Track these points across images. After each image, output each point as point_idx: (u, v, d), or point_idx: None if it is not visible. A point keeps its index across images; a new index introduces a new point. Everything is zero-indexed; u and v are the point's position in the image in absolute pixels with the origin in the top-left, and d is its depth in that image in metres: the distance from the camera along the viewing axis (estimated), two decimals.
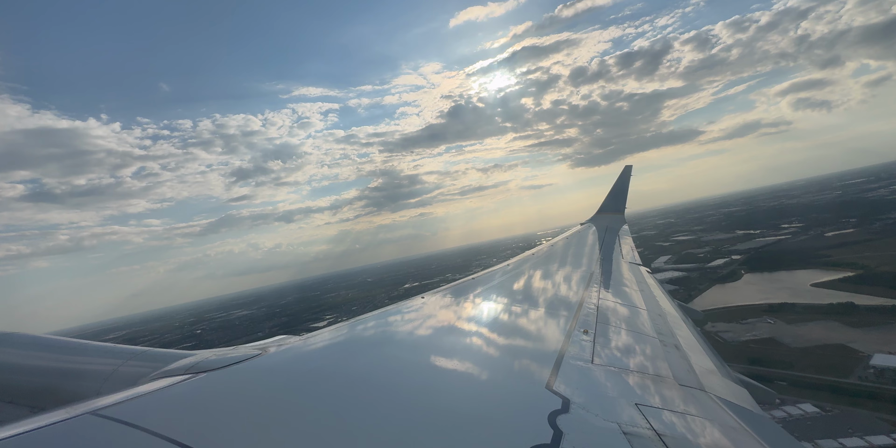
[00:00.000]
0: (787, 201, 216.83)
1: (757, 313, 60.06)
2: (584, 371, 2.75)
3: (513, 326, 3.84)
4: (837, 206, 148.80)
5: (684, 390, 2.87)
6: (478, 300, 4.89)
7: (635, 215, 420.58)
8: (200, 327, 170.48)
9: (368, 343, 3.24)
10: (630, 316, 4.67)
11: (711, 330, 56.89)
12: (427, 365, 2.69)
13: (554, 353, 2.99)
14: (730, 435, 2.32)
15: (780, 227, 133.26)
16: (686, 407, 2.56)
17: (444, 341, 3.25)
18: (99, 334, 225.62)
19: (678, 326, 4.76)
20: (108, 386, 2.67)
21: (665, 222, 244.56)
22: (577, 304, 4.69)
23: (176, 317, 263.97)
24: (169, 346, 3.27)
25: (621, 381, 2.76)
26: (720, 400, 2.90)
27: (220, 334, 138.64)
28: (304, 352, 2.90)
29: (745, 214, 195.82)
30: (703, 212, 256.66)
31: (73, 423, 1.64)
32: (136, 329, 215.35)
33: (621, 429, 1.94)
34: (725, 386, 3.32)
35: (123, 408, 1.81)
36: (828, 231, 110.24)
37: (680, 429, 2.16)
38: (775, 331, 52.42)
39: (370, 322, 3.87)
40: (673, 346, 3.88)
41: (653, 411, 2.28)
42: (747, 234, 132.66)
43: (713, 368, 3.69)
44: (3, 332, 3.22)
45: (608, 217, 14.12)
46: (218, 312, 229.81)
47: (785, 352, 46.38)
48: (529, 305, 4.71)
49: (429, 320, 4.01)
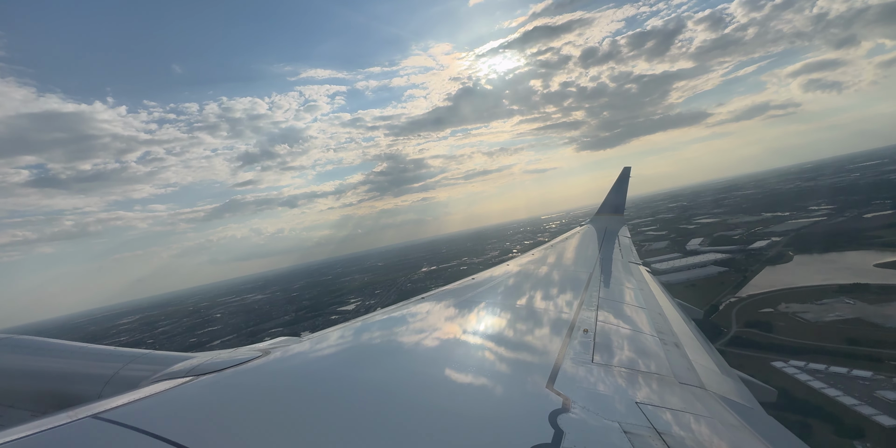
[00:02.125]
0: (803, 184, 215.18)
1: (829, 294, 58.52)
2: (584, 370, 2.79)
3: (513, 326, 3.84)
4: (865, 188, 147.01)
5: (685, 388, 2.91)
6: (478, 301, 4.87)
7: (641, 199, 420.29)
8: (218, 311, 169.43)
9: (370, 345, 3.22)
10: (630, 315, 4.71)
11: (787, 311, 55.55)
12: (428, 365, 2.70)
13: (554, 353, 3.05)
14: (731, 433, 2.34)
15: (808, 210, 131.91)
16: (686, 405, 2.59)
17: (445, 342, 3.25)
18: (111, 319, 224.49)
19: (678, 325, 4.78)
20: (110, 389, 2.69)
21: (678, 205, 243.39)
22: (577, 303, 4.75)
23: (186, 301, 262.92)
24: (191, 331, 2.87)
25: (622, 379, 2.78)
26: (721, 398, 2.94)
27: (242, 318, 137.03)
28: (306, 354, 2.89)
29: (764, 197, 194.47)
30: (715, 195, 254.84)
31: (75, 426, 1.63)
32: (148, 314, 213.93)
33: (622, 428, 1.96)
34: (726, 384, 3.35)
35: (125, 411, 1.79)
36: (865, 213, 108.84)
37: (680, 427, 2.18)
38: (859, 311, 50.97)
39: (371, 323, 3.86)
40: (673, 345, 3.89)
41: (653, 410, 2.30)
42: (776, 216, 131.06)
43: (713, 366, 3.69)
44: (3, 336, 3.21)
45: (608, 218, 14.29)
46: (229, 296, 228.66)
47: (883, 332, 45.07)
48: (529, 305, 4.70)
49: (430, 321, 4.01)
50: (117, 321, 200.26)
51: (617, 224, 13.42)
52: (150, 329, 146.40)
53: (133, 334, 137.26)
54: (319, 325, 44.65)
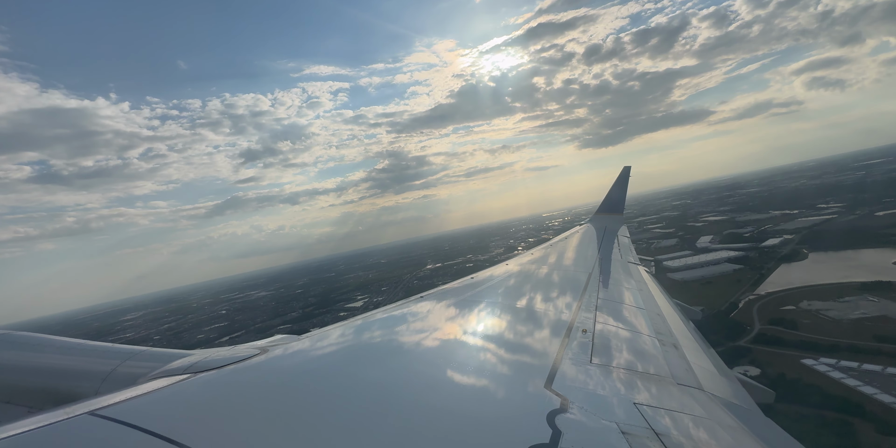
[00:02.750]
0: (809, 182, 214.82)
1: (850, 291, 57.94)
2: (582, 370, 2.78)
3: (512, 326, 3.83)
4: (874, 186, 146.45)
5: (683, 390, 2.90)
6: (476, 300, 4.84)
7: (644, 197, 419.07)
8: (223, 308, 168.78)
9: (368, 343, 3.23)
10: (629, 315, 4.68)
11: (809, 308, 55.06)
12: (426, 364, 2.69)
13: (553, 353, 3.03)
14: (728, 434, 2.34)
15: (817, 208, 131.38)
16: (684, 406, 2.59)
17: (444, 341, 3.25)
18: (114, 315, 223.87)
19: (676, 326, 4.74)
20: (107, 386, 2.68)
21: (682, 203, 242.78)
22: (575, 304, 4.71)
23: (188, 298, 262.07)
24: (198, 327, 2.99)
25: (620, 380, 2.78)
26: (719, 399, 2.92)
27: (249, 314, 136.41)
28: (304, 352, 2.89)
29: (770, 195, 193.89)
30: (719, 193, 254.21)
31: (71, 423, 1.63)
32: (152, 310, 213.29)
33: (620, 428, 1.96)
34: (724, 385, 3.34)
35: (122, 408, 1.79)
36: (877, 211, 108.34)
37: (678, 428, 2.18)
38: (884, 309, 50.46)
39: (370, 322, 3.85)
40: (671, 346, 3.88)
41: (651, 411, 2.30)
42: (785, 214, 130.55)
43: (712, 368, 3.68)
44: (0, 332, 3.18)
45: (607, 217, 14.11)
46: (232, 293, 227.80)
47: None
48: (528, 305, 4.67)
49: (428, 320, 3.98)
50: (121, 317, 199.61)
51: (616, 224, 13.29)
52: (156, 325, 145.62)
53: (138, 331, 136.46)
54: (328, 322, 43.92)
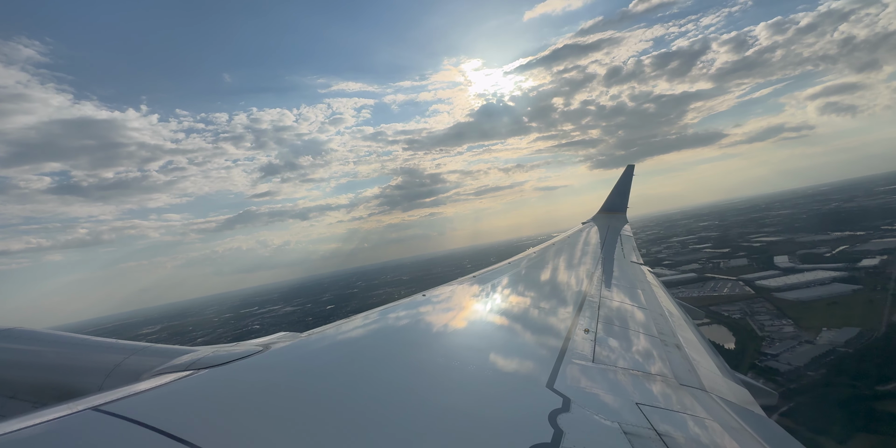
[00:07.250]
0: (844, 204, 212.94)
1: None
2: (584, 370, 2.79)
3: (513, 325, 3.82)
4: None
5: (685, 390, 2.91)
6: (478, 298, 4.84)
7: (657, 218, 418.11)
8: (254, 322, 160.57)
9: (370, 340, 3.22)
10: (631, 315, 4.66)
11: None
12: (429, 363, 2.70)
13: (555, 352, 3.04)
14: (731, 435, 2.34)
15: (881, 229, 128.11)
16: (687, 407, 2.60)
17: (446, 339, 3.27)
18: (127, 328, 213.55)
19: (680, 326, 4.73)
20: (111, 381, 2.70)
21: (709, 224, 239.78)
22: (578, 303, 4.70)
23: (204, 311, 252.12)
24: (237, 341, 3.09)
25: (622, 380, 2.79)
26: (721, 400, 2.94)
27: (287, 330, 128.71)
28: (307, 348, 2.89)
29: (810, 217, 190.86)
30: (747, 214, 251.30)
31: (75, 418, 1.61)
32: (169, 323, 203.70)
33: (622, 428, 1.96)
34: (727, 386, 3.34)
35: (125, 403, 1.78)
36: None
37: (681, 429, 2.19)
38: None
39: (372, 320, 3.85)
40: (674, 346, 3.88)
41: (654, 411, 2.31)
42: (851, 235, 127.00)
43: (714, 368, 3.70)
44: (4, 328, 3.22)
45: (610, 216, 14.01)
46: (251, 308, 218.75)
47: None
48: (530, 304, 4.66)
49: (430, 318, 3.97)
50: (137, 331, 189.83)
51: (619, 223, 13.11)
52: (184, 339, 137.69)
53: (171, 344, 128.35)
54: None
